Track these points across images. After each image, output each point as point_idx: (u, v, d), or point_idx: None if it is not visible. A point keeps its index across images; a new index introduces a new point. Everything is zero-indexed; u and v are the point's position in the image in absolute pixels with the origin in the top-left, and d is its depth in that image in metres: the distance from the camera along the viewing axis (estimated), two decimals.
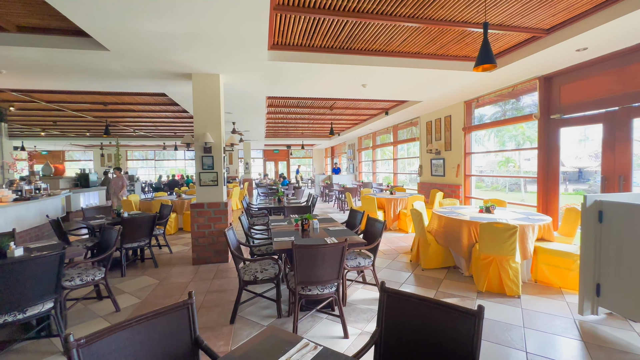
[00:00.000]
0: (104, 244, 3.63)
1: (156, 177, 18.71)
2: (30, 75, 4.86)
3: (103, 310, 3.32)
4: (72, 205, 9.18)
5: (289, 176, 22.12)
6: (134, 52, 3.95)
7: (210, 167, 4.83)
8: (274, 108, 8.77)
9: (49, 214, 6.95)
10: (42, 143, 15.41)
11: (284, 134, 14.93)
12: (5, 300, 2.26)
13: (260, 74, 4.92)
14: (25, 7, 3.35)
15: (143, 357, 1.34)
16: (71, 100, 7.43)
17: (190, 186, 13.44)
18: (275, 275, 3.05)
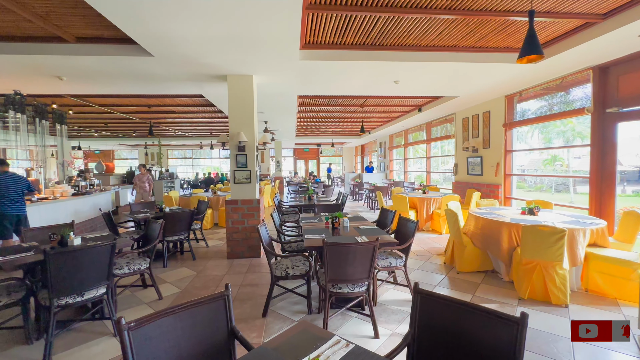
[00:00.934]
0: (148, 236, 3.91)
1: (193, 175, 19.76)
2: (86, 81, 5.34)
3: (147, 298, 3.59)
4: (120, 200, 9.99)
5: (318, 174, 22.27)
6: (175, 57, 4.19)
7: (244, 165, 5.00)
8: (305, 107, 8.86)
9: (101, 207, 7.62)
10: (95, 143, 16.90)
11: (314, 133, 15.04)
12: (67, 284, 2.52)
13: (292, 74, 4.99)
14: (83, 19, 3.69)
15: (184, 343, 1.43)
16: (120, 103, 8.06)
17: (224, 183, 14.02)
18: (306, 272, 3.09)
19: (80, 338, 2.74)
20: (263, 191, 10.23)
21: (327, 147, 22.10)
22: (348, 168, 22.39)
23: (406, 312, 3.10)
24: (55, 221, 5.57)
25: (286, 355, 1.24)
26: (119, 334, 1.24)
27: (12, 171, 4.85)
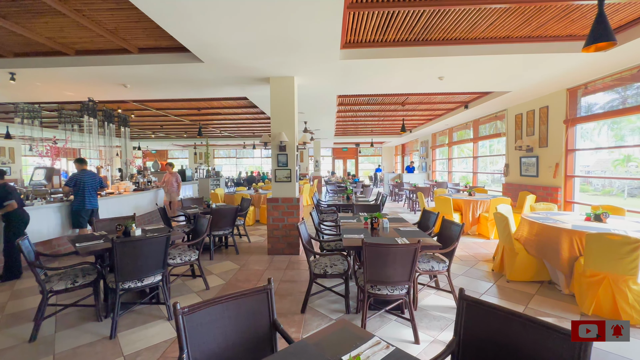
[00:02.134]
0: (197, 230, 4.21)
1: (237, 173, 20.77)
2: (146, 87, 5.90)
3: (196, 287, 3.86)
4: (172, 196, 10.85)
5: (357, 174, 22.08)
6: (222, 62, 4.45)
7: (285, 165, 5.14)
8: (344, 106, 8.85)
9: (157, 202, 8.36)
10: (152, 143, 18.56)
11: (353, 132, 14.95)
12: (129, 270, 2.81)
13: (332, 74, 5.02)
14: (144, 32, 4.08)
15: (230, 331, 1.52)
16: (174, 107, 8.77)
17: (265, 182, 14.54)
18: (344, 271, 3.10)
19: (140, 319, 3.04)
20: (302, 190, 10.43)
21: (366, 147, 21.83)
22: (387, 168, 21.89)
23: (449, 319, 2.96)
24: (120, 214, 6.23)
25: (326, 351, 1.26)
26: (174, 318, 1.36)
27: (89, 169, 5.51)
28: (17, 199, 4.20)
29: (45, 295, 2.77)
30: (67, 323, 2.98)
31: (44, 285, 2.76)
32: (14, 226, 4.14)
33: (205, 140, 15.49)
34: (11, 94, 6.40)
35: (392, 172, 18.31)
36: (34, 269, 2.75)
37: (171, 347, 2.58)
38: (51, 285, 2.79)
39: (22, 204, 4.34)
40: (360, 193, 9.65)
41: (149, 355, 2.47)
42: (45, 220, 5.05)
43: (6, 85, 5.56)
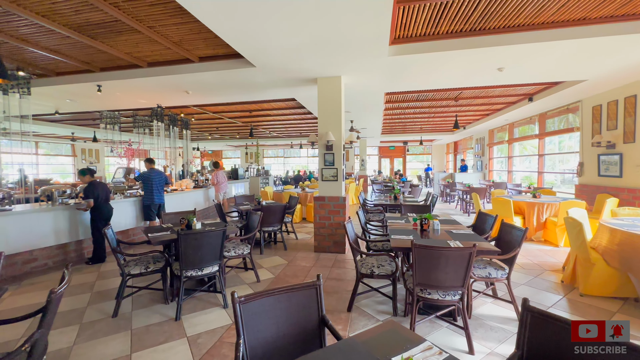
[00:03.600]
0: (249, 225, 4.46)
1: (284, 172, 21.48)
2: (205, 93, 6.41)
3: (248, 279, 4.10)
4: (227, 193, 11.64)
5: (404, 173, 21.34)
6: (273, 65, 4.64)
7: (331, 164, 5.19)
8: (392, 104, 8.62)
9: (214, 199, 9.04)
10: (209, 144, 20.09)
11: (400, 130, 14.48)
12: (191, 259, 3.09)
13: (380, 71, 4.93)
14: (204, 42, 4.44)
15: (282, 322, 1.59)
16: (228, 110, 9.38)
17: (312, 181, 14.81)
18: (392, 273, 3.03)
19: (200, 305, 3.33)
20: (348, 189, 10.41)
21: (414, 145, 20.99)
22: (437, 167, 20.78)
23: (508, 331, 2.72)
24: (182, 208, 6.88)
25: (375, 350, 1.26)
26: (232, 306, 1.47)
27: (156, 168, 6.18)
28: (101, 196, 4.84)
29: (124, 278, 3.18)
30: (141, 303, 3.39)
31: (123, 269, 3.17)
32: (99, 218, 4.79)
33: (255, 140, 16.29)
34: (97, 103, 7.44)
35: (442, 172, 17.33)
36: (116, 254, 3.18)
37: (227, 332, 2.78)
38: (129, 270, 3.20)
39: (107, 198, 4.98)
40: (409, 193, 9.32)
41: (208, 338, 2.69)
42: (123, 212, 5.79)
43: (94, 96, 6.48)
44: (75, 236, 4.93)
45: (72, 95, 6.63)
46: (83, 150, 15.99)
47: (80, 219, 4.95)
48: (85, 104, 7.59)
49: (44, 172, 14.99)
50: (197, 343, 2.63)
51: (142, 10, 3.62)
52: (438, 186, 13.46)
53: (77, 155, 15.92)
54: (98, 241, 4.85)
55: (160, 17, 3.76)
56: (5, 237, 4.14)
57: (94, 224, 4.79)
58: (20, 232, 4.30)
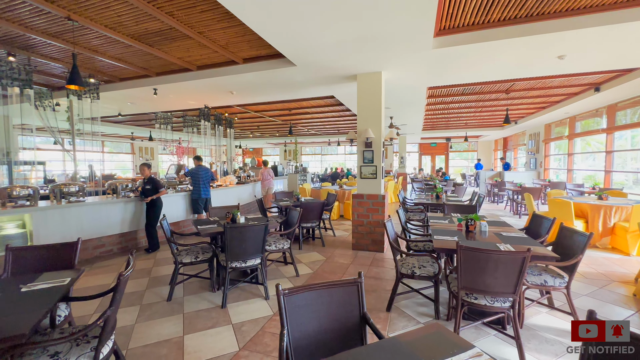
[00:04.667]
0: (289, 221, 4.58)
1: (322, 170, 21.65)
2: (248, 93, 6.68)
3: (288, 273, 4.22)
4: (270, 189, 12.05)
5: (447, 170, 20.32)
6: (313, 64, 4.69)
7: (370, 161, 5.13)
8: (434, 99, 8.25)
9: (255, 194, 9.42)
10: (250, 142, 20.92)
11: (443, 126, 13.81)
12: (236, 252, 3.27)
13: (423, 65, 4.74)
14: (248, 44, 4.62)
15: (323, 317, 1.62)
16: (269, 109, 9.68)
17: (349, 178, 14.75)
18: (434, 274, 2.92)
19: (243, 295, 3.51)
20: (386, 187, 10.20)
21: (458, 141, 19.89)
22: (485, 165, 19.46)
23: (566, 345, 2.48)
24: (226, 203, 7.27)
25: (420, 352, 1.23)
26: (277, 297, 1.53)
27: (204, 165, 6.60)
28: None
29: (177, 266, 3.46)
30: (191, 290, 3.66)
31: (176, 257, 3.45)
32: (155, 210, 5.24)
33: (294, 138, 16.62)
34: (153, 105, 8.13)
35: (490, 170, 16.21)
36: (170, 244, 3.47)
37: (268, 323, 2.90)
38: (181, 258, 3.47)
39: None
40: (452, 192, 8.87)
41: (251, 327, 2.83)
42: (175, 205, 6.28)
43: (151, 98, 7.09)
44: (135, 226, 5.46)
45: (132, 98, 7.32)
46: (140, 149, 17.58)
47: (140, 210, 5.47)
48: (143, 106, 8.34)
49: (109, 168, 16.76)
50: (242, 330, 2.78)
51: (193, 17, 3.87)
52: (484, 185, 12.62)
53: (135, 153, 17.55)
54: (150, 231, 5.28)
55: (209, 22, 3.99)
56: (80, 225, 4.72)
57: (148, 215, 5.22)
58: (91, 220, 4.88)
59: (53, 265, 2.44)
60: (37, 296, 1.78)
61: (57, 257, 2.50)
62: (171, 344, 2.59)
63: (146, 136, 14.50)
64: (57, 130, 6.67)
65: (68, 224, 4.61)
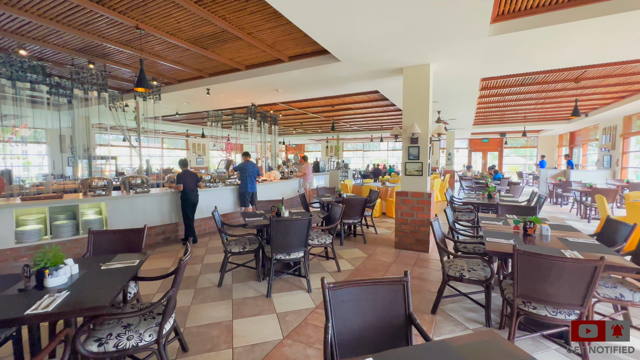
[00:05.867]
0: (331, 217, 4.62)
1: (364, 166, 21.40)
2: (292, 90, 6.83)
3: (329, 268, 4.27)
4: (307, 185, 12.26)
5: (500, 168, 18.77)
6: (357, 58, 4.64)
7: (416, 158, 4.94)
8: (488, 90, 7.65)
9: (299, 189, 9.65)
10: (293, 139, 21.40)
11: (497, 120, 12.76)
12: (280, 244, 3.39)
13: (477, 54, 4.41)
14: (294, 42, 4.72)
15: (368, 313, 1.62)
16: (312, 105, 9.80)
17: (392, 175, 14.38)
18: (485, 279, 2.74)
19: (287, 286, 3.64)
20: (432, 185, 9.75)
21: (514, 137, 18.26)
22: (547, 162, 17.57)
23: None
24: (271, 197, 7.55)
25: (471, 359, 1.17)
26: (322, 290, 1.55)
27: (251, 160, 6.92)
28: (189, 183, 5.39)
29: (226, 255, 3.70)
30: (239, 278, 3.89)
31: (226, 246, 3.69)
32: (186, 202, 5.42)
33: (336, 134, 16.63)
34: (205, 104, 8.71)
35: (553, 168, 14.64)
36: (221, 234, 3.71)
37: (311, 315, 2.97)
38: (230, 248, 3.70)
39: (194, 186, 5.53)
40: (506, 191, 8.19)
41: (294, 318, 2.92)
42: (224, 198, 6.69)
43: (204, 98, 7.60)
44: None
45: (188, 98, 7.92)
46: (194, 145, 18.98)
47: None
48: (197, 105, 8.98)
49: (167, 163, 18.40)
50: (285, 320, 2.88)
51: (243, 19, 4.05)
52: (545, 185, 11.42)
53: (189, 149, 19.00)
54: (186, 222, 5.50)
55: (258, 23, 4.15)
56: (144, 213, 5.27)
57: (183, 207, 5.48)
58: (153, 209, 5.42)
59: (124, 248, 2.77)
60: (113, 274, 2.04)
61: (127, 241, 2.83)
62: (222, 326, 2.78)
63: (199, 133, 15.61)
64: (125, 129, 7.49)
65: (135, 212, 5.17)
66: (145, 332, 1.86)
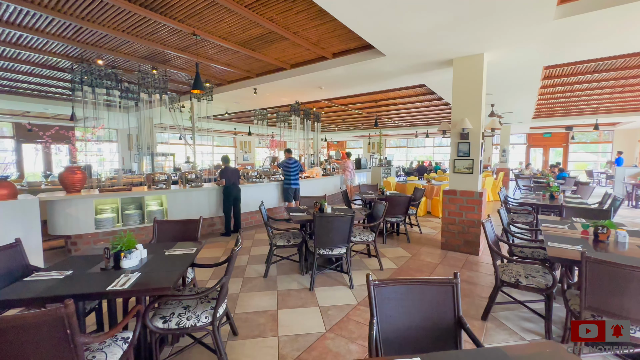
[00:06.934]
0: (374, 214, 4.56)
1: (407, 163, 20.68)
2: (336, 87, 6.84)
3: (371, 266, 4.23)
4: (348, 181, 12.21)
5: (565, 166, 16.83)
6: (403, 52, 4.49)
7: (466, 154, 4.65)
8: (552, 80, 6.89)
9: (341, 186, 9.69)
10: (335, 135, 21.45)
11: (563, 112, 11.45)
12: (323, 240, 3.45)
13: (540, 40, 4.00)
14: (338, 38, 4.72)
15: (414, 313, 1.59)
16: (354, 102, 9.72)
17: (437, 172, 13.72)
18: (546, 287, 2.50)
19: (329, 281, 3.69)
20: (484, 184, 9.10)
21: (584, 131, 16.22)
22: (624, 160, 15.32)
23: None
24: (313, 193, 7.68)
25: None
26: (367, 287, 1.56)
27: (293, 157, 7.11)
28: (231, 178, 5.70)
29: (272, 247, 3.86)
30: (283, 270, 4.04)
31: (272, 239, 3.85)
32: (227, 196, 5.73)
33: (379, 130, 16.30)
34: (252, 103, 9.11)
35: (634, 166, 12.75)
36: (267, 227, 3.88)
37: (353, 311, 2.98)
38: (275, 241, 3.85)
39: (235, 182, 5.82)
40: (572, 192, 7.34)
41: (336, 312, 2.96)
42: (269, 193, 6.97)
43: (251, 97, 7.95)
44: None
45: (237, 98, 8.36)
46: (241, 143, 19.99)
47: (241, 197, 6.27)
48: (245, 105, 9.43)
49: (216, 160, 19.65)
50: (328, 314, 2.93)
51: (290, 19, 4.16)
52: (622, 185, 9.99)
53: (236, 146, 20.05)
54: (226, 216, 5.79)
55: (303, 22, 4.22)
56: (199, 206, 5.71)
57: (224, 201, 5.78)
58: (206, 202, 5.84)
59: (183, 237, 3.04)
60: (175, 260, 2.25)
61: (185, 230, 3.10)
62: (268, 315, 2.92)
63: (246, 131, 16.38)
64: (182, 128, 8.16)
65: (190, 204, 5.63)
66: (202, 313, 2.04)
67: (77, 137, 5.43)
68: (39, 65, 6.12)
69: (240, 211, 5.98)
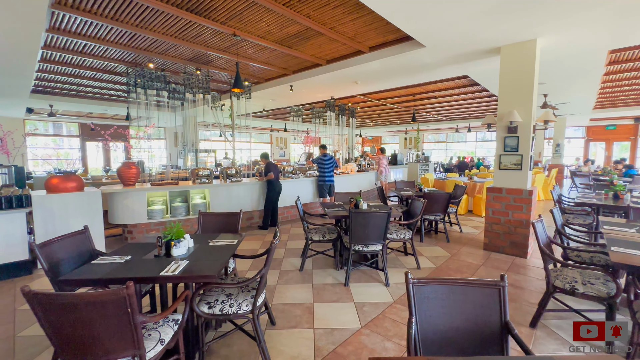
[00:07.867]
0: (411, 211, 4.44)
1: (446, 159, 19.75)
2: (371, 81, 6.72)
3: (408, 264, 4.13)
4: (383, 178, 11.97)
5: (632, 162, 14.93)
6: (444, 42, 4.27)
7: (514, 149, 4.33)
8: (619, 65, 6.13)
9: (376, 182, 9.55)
10: (370, 131, 21.09)
11: (631, 102, 10.15)
12: (359, 236, 3.43)
13: (605, 20, 3.57)
14: (375, 31, 4.62)
15: (455, 314, 1.53)
16: (391, 96, 9.47)
17: (480, 169, 12.93)
18: (607, 296, 2.26)
19: (364, 278, 3.67)
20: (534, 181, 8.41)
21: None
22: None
23: None
24: (348, 189, 7.66)
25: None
26: (405, 285, 1.53)
27: (328, 153, 7.13)
28: (275, 173, 5.88)
29: (307, 242, 3.93)
30: (318, 265, 4.10)
31: (307, 234, 3.92)
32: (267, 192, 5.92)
33: (416, 125, 15.74)
34: (288, 100, 9.27)
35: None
36: (303, 222, 3.95)
37: (389, 309, 2.94)
38: (311, 235, 3.91)
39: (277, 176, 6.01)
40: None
41: (372, 309, 2.94)
42: (304, 189, 7.08)
43: (287, 95, 8.09)
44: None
45: (274, 95, 8.56)
46: (277, 139, 20.49)
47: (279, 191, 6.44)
48: (281, 102, 9.63)
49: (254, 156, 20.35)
50: (363, 310, 2.93)
51: (326, 15, 4.15)
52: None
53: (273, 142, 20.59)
54: (266, 210, 5.95)
55: (340, 17, 4.19)
56: (238, 200, 5.97)
57: (269, 195, 5.94)
58: (245, 196, 6.09)
59: (225, 229, 3.20)
60: (218, 250, 2.39)
61: (227, 222, 3.26)
62: (303, 307, 2.99)
63: (281, 128, 16.74)
64: (222, 125, 8.56)
65: (230, 198, 5.91)
66: (243, 302, 2.14)
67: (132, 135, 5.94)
68: (100, 70, 6.77)
69: (278, 206, 6.15)
